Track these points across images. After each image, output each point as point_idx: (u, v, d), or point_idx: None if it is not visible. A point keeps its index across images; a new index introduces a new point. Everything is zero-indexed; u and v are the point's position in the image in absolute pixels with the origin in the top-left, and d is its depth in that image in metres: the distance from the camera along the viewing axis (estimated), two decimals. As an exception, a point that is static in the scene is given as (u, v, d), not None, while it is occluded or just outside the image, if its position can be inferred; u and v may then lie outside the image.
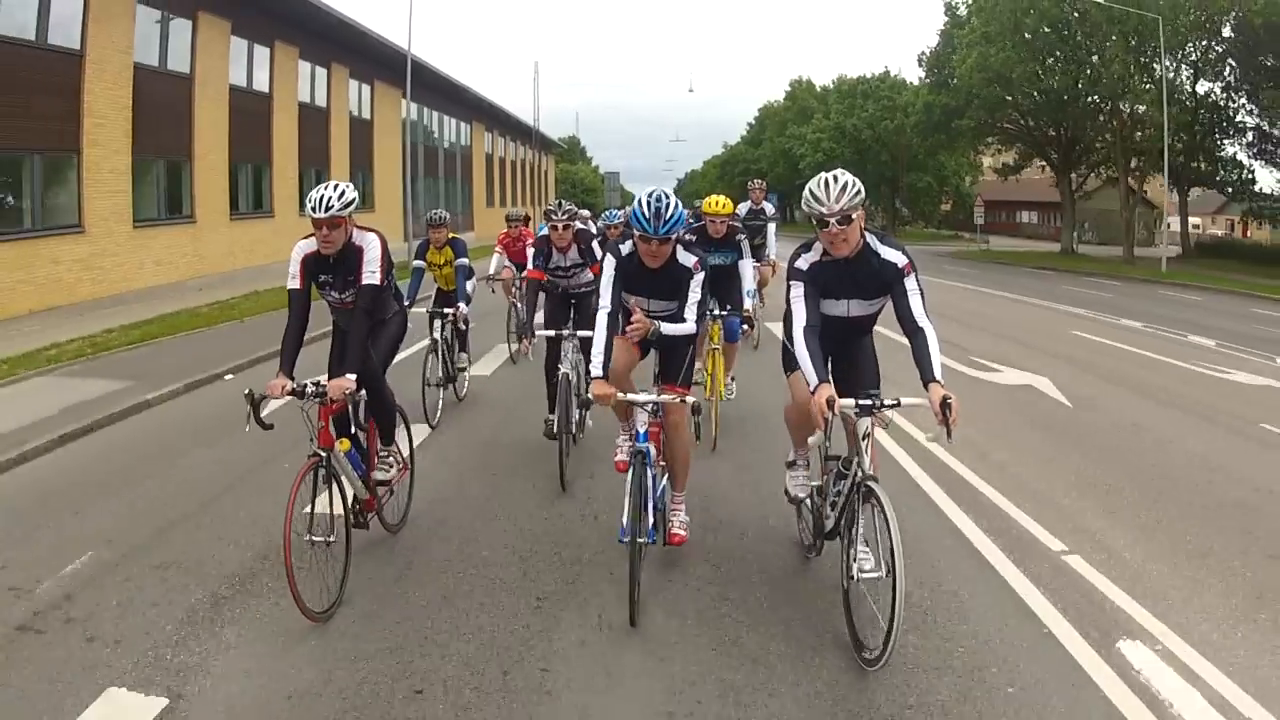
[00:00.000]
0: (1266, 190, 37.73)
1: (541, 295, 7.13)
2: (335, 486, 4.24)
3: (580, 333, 6.27)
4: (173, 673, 3.56)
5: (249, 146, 20.47)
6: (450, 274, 8.31)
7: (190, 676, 3.53)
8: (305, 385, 4.15)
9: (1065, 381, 9.85)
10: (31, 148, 14.08)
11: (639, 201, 4.23)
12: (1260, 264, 33.31)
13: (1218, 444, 7.49)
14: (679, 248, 4.41)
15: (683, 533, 4.63)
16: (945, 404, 3.49)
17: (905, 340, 3.79)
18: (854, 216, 3.73)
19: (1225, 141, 37.44)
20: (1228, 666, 3.71)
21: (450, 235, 8.35)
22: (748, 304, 6.98)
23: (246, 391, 4.07)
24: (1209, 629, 4.06)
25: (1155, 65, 32.29)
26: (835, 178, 3.75)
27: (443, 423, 7.61)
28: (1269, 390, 9.95)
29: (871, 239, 3.89)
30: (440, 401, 7.83)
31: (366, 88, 28.50)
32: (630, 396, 4.27)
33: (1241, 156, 38.00)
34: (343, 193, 4.24)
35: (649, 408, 4.25)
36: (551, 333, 6.51)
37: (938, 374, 3.63)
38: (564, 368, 6.23)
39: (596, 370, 4.20)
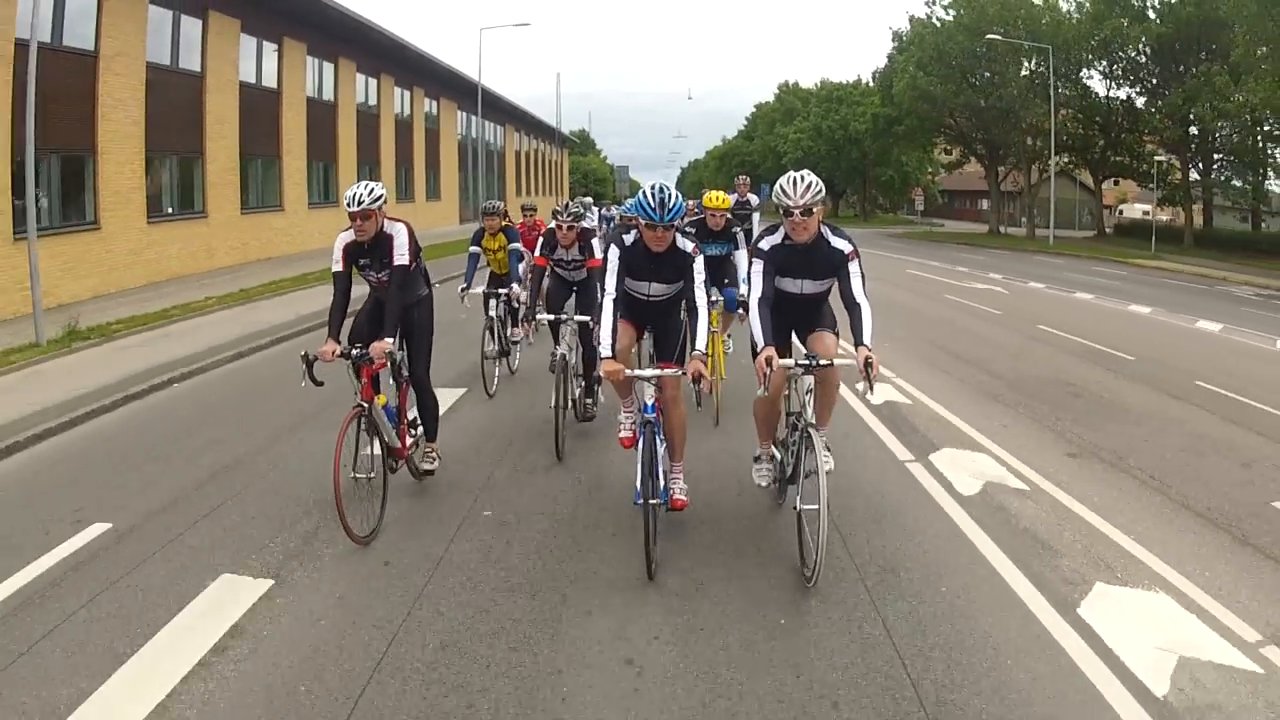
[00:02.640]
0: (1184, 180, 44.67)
1: (545, 281, 7.53)
2: (375, 433, 4.88)
3: (577, 317, 6.77)
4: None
5: (367, 151, 28.64)
6: (504, 258, 8.83)
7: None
8: (351, 349, 4.86)
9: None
10: (255, 155, 22.13)
11: (643, 194, 4.54)
12: (1161, 241, 39.48)
13: (919, 303, 15.59)
14: (678, 235, 4.70)
15: (684, 498, 4.86)
16: (868, 363, 4.17)
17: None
18: (814, 210, 4.34)
19: (1145, 138, 44.80)
20: (996, 437, 6.77)
21: (503, 223, 8.90)
22: (743, 290, 7.19)
23: (302, 353, 4.76)
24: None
25: (1072, 82, 40.22)
26: (802, 177, 4.36)
27: (495, 393, 8.26)
28: (982, 289, 18.06)
29: (825, 230, 4.50)
30: (496, 374, 8.44)
31: (434, 103, 36.52)
32: (637, 372, 4.59)
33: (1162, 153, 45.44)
34: (372, 190, 4.92)
35: (653, 382, 4.54)
36: (551, 317, 6.87)
37: (866, 340, 4.29)
38: (561, 349, 6.56)
39: (606, 350, 4.50)
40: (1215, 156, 40.19)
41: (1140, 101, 41.45)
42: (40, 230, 14.83)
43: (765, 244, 4.54)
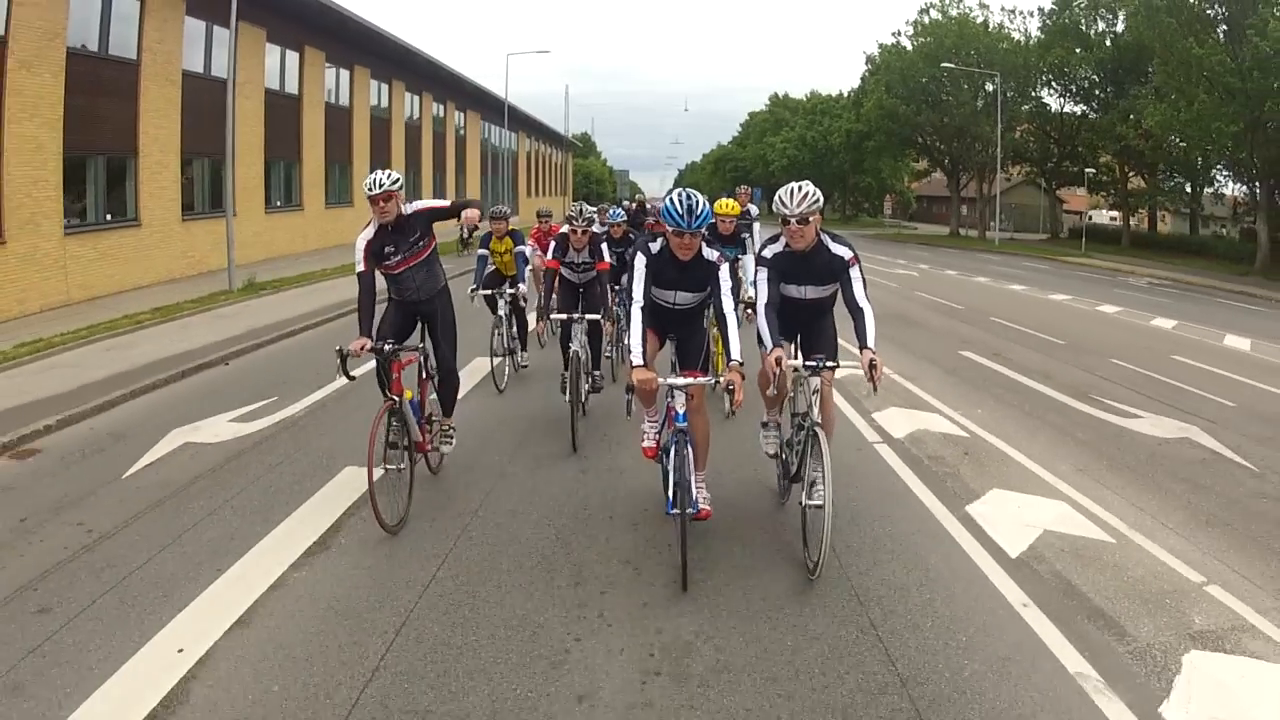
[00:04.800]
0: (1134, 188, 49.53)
1: (556, 281, 7.81)
2: (404, 428, 5.22)
3: (588, 316, 7.31)
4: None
5: (412, 158, 34.32)
6: (510, 260, 9.15)
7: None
8: (383, 345, 5.15)
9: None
10: (334, 160, 27.57)
11: (671, 201, 4.58)
12: (1105, 242, 45.14)
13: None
14: (703, 245, 4.75)
15: (708, 507, 4.92)
16: (872, 365, 4.39)
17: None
18: (810, 219, 4.56)
19: (1099, 149, 49.87)
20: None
21: (509, 227, 9.18)
22: (749, 292, 7.34)
23: (337, 348, 5.04)
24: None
25: (1031, 99, 45.78)
26: (799, 188, 4.60)
27: (505, 390, 8.69)
28: (899, 273, 23.59)
29: (825, 237, 4.72)
30: (506, 371, 8.91)
31: (463, 115, 42.09)
32: (672, 381, 4.57)
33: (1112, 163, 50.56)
34: (390, 174, 5.32)
35: (685, 391, 4.57)
36: (564, 316, 7.32)
37: (870, 343, 4.51)
38: (574, 345, 7.07)
39: (637, 359, 4.49)
40: (1160, 167, 45.49)
41: (1093, 117, 46.75)
42: (195, 215, 20.32)
43: (768, 252, 4.80)
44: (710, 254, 4.79)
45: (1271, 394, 10.21)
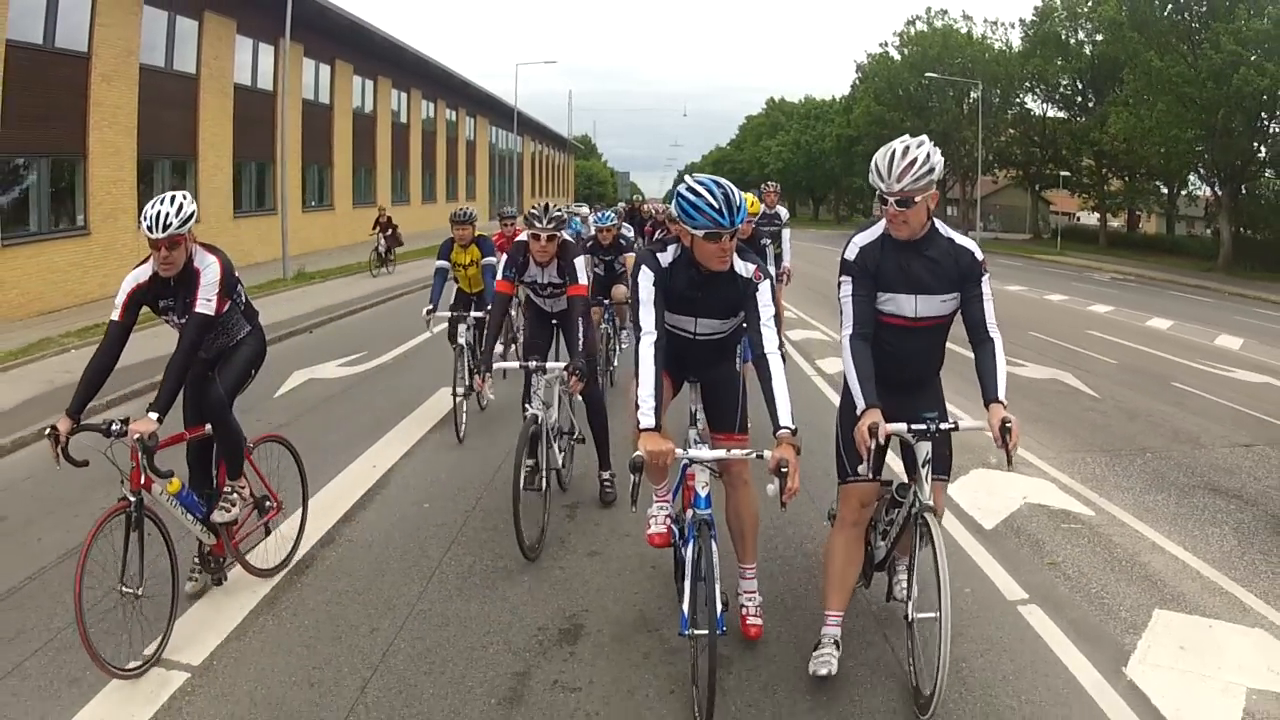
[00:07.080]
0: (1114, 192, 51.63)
1: (514, 313, 5.95)
2: (150, 532, 3.67)
3: (551, 364, 5.12)
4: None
5: (428, 161, 36.91)
6: (475, 275, 7.72)
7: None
8: (110, 423, 3.63)
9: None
10: (362, 165, 30.07)
11: (695, 193, 3.24)
12: (1083, 241, 47.39)
13: (816, 270, 23.30)
14: (734, 254, 3.42)
15: (759, 621, 3.72)
16: (1005, 427, 3.10)
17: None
18: (917, 200, 3.14)
19: (1080, 153, 52.20)
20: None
21: (476, 234, 7.73)
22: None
23: (47, 431, 3.61)
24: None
25: (1015, 105, 48.36)
26: (904, 150, 3.14)
27: (466, 437, 7.10)
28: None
29: (940, 224, 3.35)
30: (465, 413, 7.23)
31: (473, 120, 44.69)
32: (694, 454, 3.31)
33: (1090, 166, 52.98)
34: (180, 207, 3.74)
35: (713, 466, 3.36)
36: (514, 365, 5.31)
37: (1001, 394, 3.21)
38: (531, 407, 4.89)
39: (647, 419, 3.15)
40: (1140, 170, 47.88)
41: (1075, 122, 49.10)
42: (244, 213, 22.82)
43: (852, 250, 3.33)
44: (744, 268, 3.48)
45: (1155, 356, 12.64)
